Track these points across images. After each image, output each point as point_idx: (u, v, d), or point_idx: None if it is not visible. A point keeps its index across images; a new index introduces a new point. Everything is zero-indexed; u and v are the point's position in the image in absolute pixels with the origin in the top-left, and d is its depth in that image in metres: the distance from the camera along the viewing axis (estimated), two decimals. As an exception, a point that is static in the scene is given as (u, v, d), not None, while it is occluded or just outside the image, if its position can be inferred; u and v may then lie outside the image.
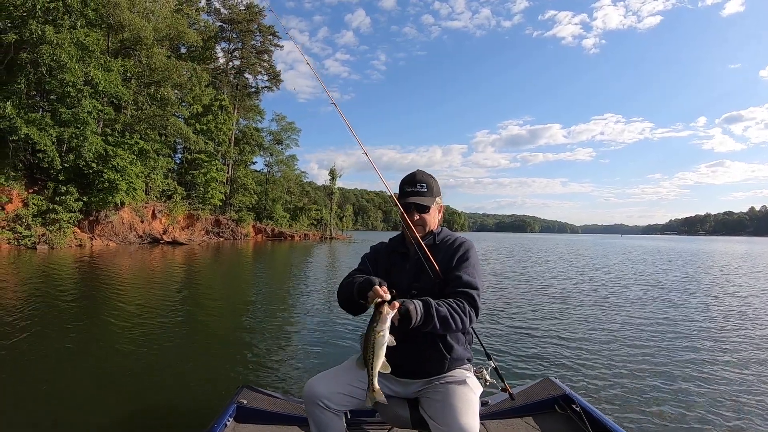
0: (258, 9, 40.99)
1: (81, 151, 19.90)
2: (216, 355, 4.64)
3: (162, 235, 27.78)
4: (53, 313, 6.24)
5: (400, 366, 1.62)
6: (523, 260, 19.85)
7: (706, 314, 7.19)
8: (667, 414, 3.21)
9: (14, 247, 18.76)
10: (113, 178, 21.98)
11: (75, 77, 17.87)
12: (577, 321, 6.49)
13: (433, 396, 1.56)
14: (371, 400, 1.46)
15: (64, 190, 21.22)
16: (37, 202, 20.38)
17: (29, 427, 2.82)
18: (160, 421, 3.02)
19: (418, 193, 1.75)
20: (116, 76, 21.29)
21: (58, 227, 20.68)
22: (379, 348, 1.39)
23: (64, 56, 16.83)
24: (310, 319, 6.43)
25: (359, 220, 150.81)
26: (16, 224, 19.35)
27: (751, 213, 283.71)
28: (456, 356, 1.65)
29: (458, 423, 1.38)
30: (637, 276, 13.30)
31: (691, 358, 4.65)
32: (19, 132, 17.19)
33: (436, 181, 1.82)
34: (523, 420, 2.31)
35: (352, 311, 1.69)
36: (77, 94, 18.47)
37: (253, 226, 39.86)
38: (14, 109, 16.87)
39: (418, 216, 1.74)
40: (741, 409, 3.34)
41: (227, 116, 36.20)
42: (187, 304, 7.63)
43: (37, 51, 16.56)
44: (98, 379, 3.78)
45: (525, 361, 4.44)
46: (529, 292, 9.44)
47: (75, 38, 17.41)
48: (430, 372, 1.64)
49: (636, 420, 3.09)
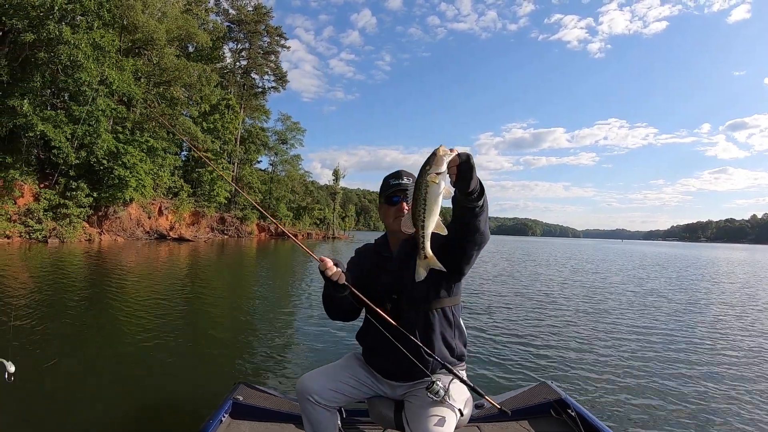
0: (265, 10, 41.53)
1: (93, 148, 20.36)
2: (213, 352, 4.66)
3: (169, 232, 28.24)
4: (58, 307, 6.29)
5: (385, 369, 1.67)
6: (520, 264, 19.90)
7: (702, 320, 7.24)
8: (663, 419, 3.22)
9: (26, 240, 19.20)
10: (123, 174, 22.46)
11: (91, 77, 18.37)
12: (573, 325, 6.51)
13: (414, 401, 1.55)
14: (422, 268, 1.32)
15: (74, 185, 21.69)
16: (49, 197, 20.84)
17: (27, 423, 2.83)
18: (156, 415, 3.06)
19: (406, 186, 1.67)
20: (129, 76, 21.81)
21: (69, 222, 21.14)
22: (433, 201, 1.18)
23: (80, 56, 17.32)
24: (308, 316, 6.46)
25: (361, 220, 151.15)
26: (28, 218, 19.83)
27: (752, 220, 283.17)
28: (441, 360, 1.57)
29: (429, 430, 1.39)
30: (635, 282, 13.37)
31: (687, 363, 4.69)
32: (35, 129, 17.66)
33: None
34: (518, 424, 2.31)
35: (338, 314, 1.69)
36: (93, 93, 18.95)
37: (257, 224, 40.33)
38: (30, 107, 17.33)
39: (407, 207, 1.64)
40: (737, 415, 3.37)
41: (234, 115, 36.66)
42: (188, 300, 7.66)
43: (55, 51, 17.03)
44: (96, 373, 3.81)
45: (520, 365, 4.44)
46: (525, 296, 9.46)
47: (91, 39, 17.88)
48: (414, 375, 1.60)
49: (631, 425, 3.10)
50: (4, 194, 19.20)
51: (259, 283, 11.10)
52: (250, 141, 42.48)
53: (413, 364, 1.54)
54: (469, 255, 1.51)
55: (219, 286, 10.07)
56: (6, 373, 1.61)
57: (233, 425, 2.17)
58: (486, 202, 1.36)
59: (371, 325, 1.66)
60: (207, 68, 28.56)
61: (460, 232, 1.42)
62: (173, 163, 29.48)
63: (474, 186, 1.28)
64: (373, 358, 1.71)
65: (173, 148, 29.16)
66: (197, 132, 27.36)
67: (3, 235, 18.35)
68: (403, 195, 1.65)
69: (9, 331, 4.83)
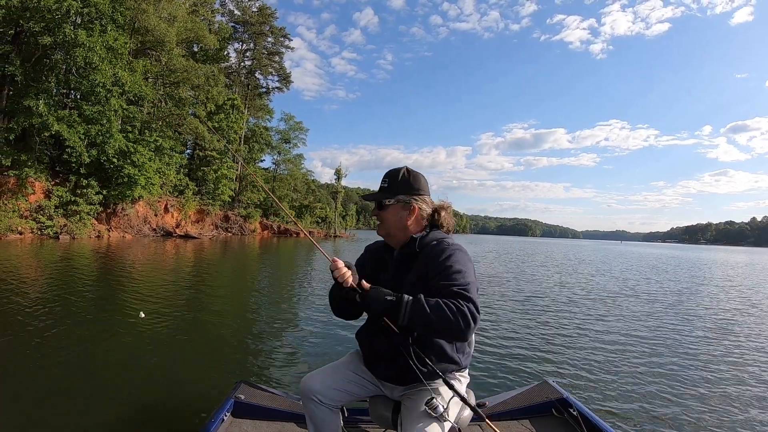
0: (270, 11, 42.05)
1: (105, 147, 20.90)
2: (215, 350, 4.66)
3: (175, 229, 28.80)
4: (66, 302, 6.35)
5: (381, 371, 1.66)
6: (520, 264, 20.00)
7: (705, 320, 7.29)
8: (664, 418, 3.23)
9: (37, 236, 19.61)
10: (132, 173, 23.02)
11: (105, 78, 18.92)
12: (574, 324, 6.52)
13: (409, 404, 1.54)
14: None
15: (85, 183, 22.17)
16: (61, 194, 21.37)
17: (26, 421, 2.83)
18: (157, 414, 3.06)
19: (380, 189, 1.66)
20: (139, 77, 22.38)
21: (79, 218, 21.60)
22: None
23: (95, 59, 17.88)
24: (310, 315, 6.46)
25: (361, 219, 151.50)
26: (39, 215, 20.31)
27: (752, 223, 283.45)
28: (439, 365, 1.54)
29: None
30: (636, 282, 13.35)
31: (689, 363, 4.71)
32: (50, 128, 18.22)
33: (411, 178, 1.65)
34: (519, 423, 2.31)
35: (341, 313, 1.71)
36: (106, 94, 19.50)
37: (260, 222, 40.91)
38: (46, 107, 17.87)
39: (376, 212, 1.66)
40: (739, 413, 3.39)
41: (239, 115, 37.19)
42: (191, 297, 7.68)
43: (71, 53, 17.60)
44: (97, 370, 3.82)
45: (522, 364, 4.43)
46: (526, 295, 9.45)
47: (105, 41, 18.44)
48: (409, 380, 1.58)
49: (633, 424, 3.12)
50: (17, 191, 19.74)
51: (262, 280, 11.14)
52: (254, 140, 43.04)
53: (409, 370, 1.51)
54: (459, 339, 1.47)
55: (222, 284, 10.13)
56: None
57: (235, 424, 2.17)
58: (420, 311, 1.35)
59: (369, 326, 1.70)
60: (215, 69, 29.09)
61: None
62: (179, 162, 30.07)
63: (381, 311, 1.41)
64: (370, 360, 1.70)
65: (179, 147, 29.73)
66: (204, 132, 27.90)
67: (16, 231, 18.87)
68: (368, 201, 1.69)
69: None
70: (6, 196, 19.33)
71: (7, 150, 18.64)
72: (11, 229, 18.29)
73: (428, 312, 1.34)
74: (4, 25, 18.46)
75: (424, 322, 1.35)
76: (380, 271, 1.69)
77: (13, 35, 19.44)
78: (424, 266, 1.53)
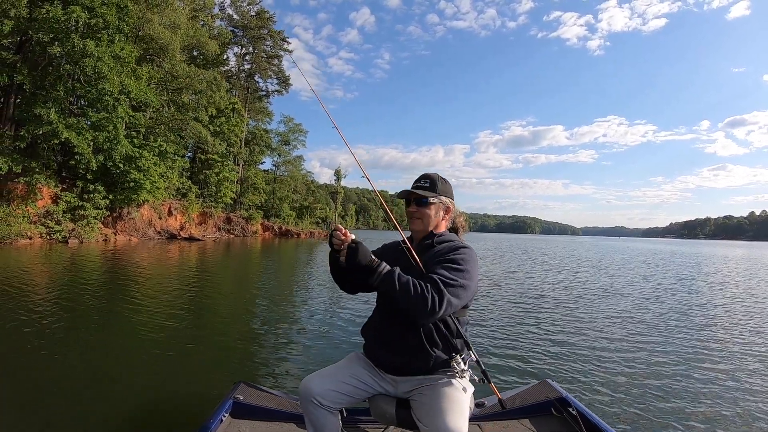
0: (268, 15, 42.55)
1: (111, 153, 21.42)
2: (215, 351, 4.66)
3: (179, 232, 29.36)
4: (70, 304, 6.45)
5: (386, 362, 1.68)
6: (519, 262, 19.96)
7: (704, 319, 7.22)
8: (664, 417, 3.22)
9: (46, 240, 20.05)
10: (138, 177, 23.56)
11: (113, 87, 19.45)
12: (574, 323, 6.50)
13: (421, 399, 1.56)
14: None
15: (92, 188, 22.67)
16: (69, 199, 21.87)
17: (25, 420, 2.84)
18: (156, 414, 3.06)
19: (420, 187, 1.75)
20: (144, 84, 22.91)
21: (86, 222, 22.10)
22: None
23: (104, 68, 18.40)
24: (310, 316, 6.51)
25: (360, 218, 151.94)
26: (47, 219, 20.78)
27: (751, 217, 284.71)
28: (444, 354, 1.59)
29: (446, 425, 1.39)
30: (636, 279, 13.28)
31: (689, 362, 4.68)
32: (60, 136, 18.74)
33: (447, 184, 1.80)
34: (518, 422, 2.30)
35: (342, 280, 1.77)
36: (114, 102, 20.03)
37: (261, 223, 41.49)
38: (56, 115, 18.38)
39: (415, 208, 1.73)
40: (739, 412, 3.37)
41: (239, 118, 37.72)
42: (192, 299, 7.73)
43: (79, 63, 18.12)
44: (97, 370, 3.86)
45: (521, 364, 4.44)
46: (526, 294, 9.41)
47: (113, 51, 18.96)
48: (416, 370, 1.62)
49: (632, 424, 3.11)
50: (26, 197, 20.25)
51: (262, 281, 11.18)
52: (254, 143, 43.59)
53: (416, 358, 1.58)
54: (418, 320, 1.55)
55: (223, 284, 10.21)
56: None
57: (233, 425, 2.16)
58: (389, 281, 1.48)
59: (378, 315, 1.75)
60: (217, 75, 29.60)
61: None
62: (182, 165, 30.61)
63: (364, 263, 1.50)
64: (376, 351, 1.72)
65: (182, 150, 30.26)
66: (207, 136, 28.43)
67: (25, 236, 19.35)
68: (413, 197, 1.74)
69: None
70: (16, 202, 19.82)
71: (17, 157, 19.13)
72: (21, 235, 18.76)
73: (395, 284, 1.47)
74: (12, 35, 18.94)
75: (389, 291, 1.50)
76: (399, 259, 1.70)
77: (18, 44, 19.93)
78: (433, 255, 1.64)
